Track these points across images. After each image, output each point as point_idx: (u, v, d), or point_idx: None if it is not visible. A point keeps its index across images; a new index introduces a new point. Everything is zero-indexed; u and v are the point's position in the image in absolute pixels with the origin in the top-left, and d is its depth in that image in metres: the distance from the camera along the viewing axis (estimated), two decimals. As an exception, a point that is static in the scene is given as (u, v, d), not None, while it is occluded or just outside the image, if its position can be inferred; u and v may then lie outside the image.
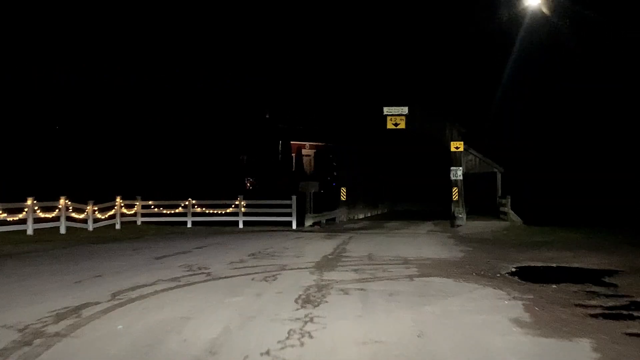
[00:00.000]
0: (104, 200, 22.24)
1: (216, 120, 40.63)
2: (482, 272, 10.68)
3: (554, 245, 15.76)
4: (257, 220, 23.79)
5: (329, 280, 9.46)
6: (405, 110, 27.76)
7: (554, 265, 11.93)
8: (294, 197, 23.51)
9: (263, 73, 48.00)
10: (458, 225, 22.47)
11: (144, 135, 36.78)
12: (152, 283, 9.09)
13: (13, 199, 18.46)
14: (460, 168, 27.50)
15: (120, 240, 17.42)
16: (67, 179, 29.64)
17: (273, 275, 9.90)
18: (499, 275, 10.45)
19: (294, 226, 23.30)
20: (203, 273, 10.15)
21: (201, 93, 40.12)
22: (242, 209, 23.87)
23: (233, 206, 24.00)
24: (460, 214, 22.91)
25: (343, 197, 29.03)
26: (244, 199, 24.69)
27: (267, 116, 50.19)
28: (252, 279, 9.51)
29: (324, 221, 25.30)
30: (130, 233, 20.45)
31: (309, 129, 51.39)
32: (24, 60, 32.88)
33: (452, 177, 27.66)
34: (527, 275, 10.53)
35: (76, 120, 35.94)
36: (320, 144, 51.61)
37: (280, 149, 51.32)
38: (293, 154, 53.24)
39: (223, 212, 24.06)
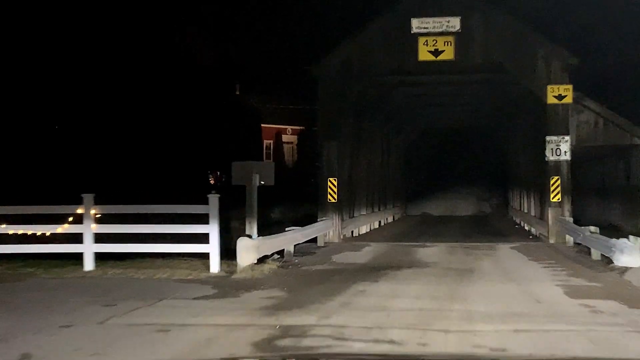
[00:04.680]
0: None
1: (170, 96, 31.53)
2: None
3: None
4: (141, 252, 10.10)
5: None
6: (455, 23, 14.00)
7: None
8: (213, 199, 9.63)
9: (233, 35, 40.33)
10: (624, 270, 8.75)
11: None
12: None
13: None
14: (567, 138, 13.82)
15: None
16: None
17: None
18: None
19: (215, 268, 9.52)
20: None
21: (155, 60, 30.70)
22: (94, 227, 9.91)
23: (71, 219, 10.03)
24: (629, 241, 9.06)
25: (332, 197, 15.21)
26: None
27: (238, 92, 41.99)
28: None
29: (291, 249, 11.50)
30: None
31: (291, 109, 41.99)
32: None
33: (550, 157, 13.94)
34: None
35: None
36: (304, 128, 42.16)
37: (253, 133, 41.20)
38: (271, 141, 43.36)
39: (47, 234, 10.16)
